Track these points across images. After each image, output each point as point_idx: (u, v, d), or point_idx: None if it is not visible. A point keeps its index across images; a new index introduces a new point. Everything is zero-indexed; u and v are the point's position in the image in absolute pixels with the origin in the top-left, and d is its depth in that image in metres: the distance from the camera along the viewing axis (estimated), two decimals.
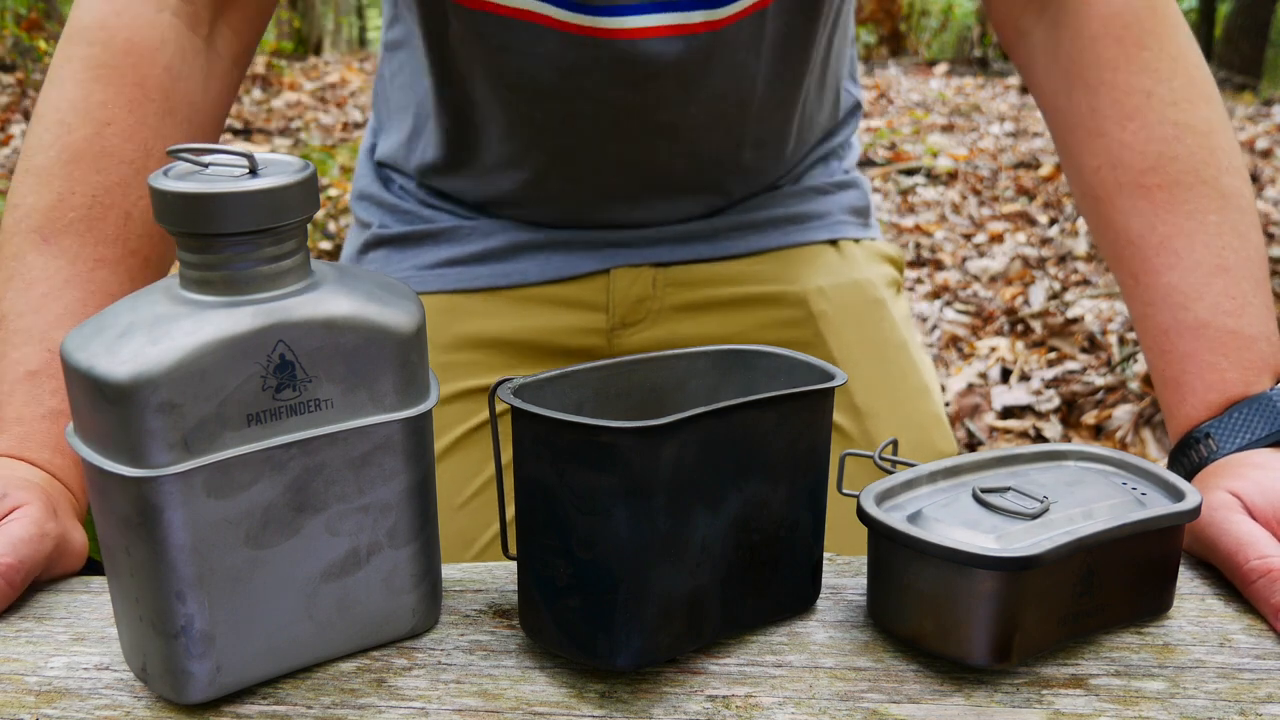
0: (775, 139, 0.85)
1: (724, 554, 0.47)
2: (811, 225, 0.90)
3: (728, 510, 0.46)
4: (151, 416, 0.40)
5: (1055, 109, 0.71)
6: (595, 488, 0.43)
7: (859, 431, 0.86)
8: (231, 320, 0.41)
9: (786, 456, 0.48)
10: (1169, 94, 0.66)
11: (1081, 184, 0.69)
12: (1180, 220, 0.63)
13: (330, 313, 0.43)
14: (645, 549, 0.44)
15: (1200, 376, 0.61)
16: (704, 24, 0.74)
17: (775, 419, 0.46)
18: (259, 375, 0.41)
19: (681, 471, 0.44)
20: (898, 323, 0.92)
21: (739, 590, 0.48)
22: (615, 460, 0.42)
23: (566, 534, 0.44)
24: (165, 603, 0.43)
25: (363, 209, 0.94)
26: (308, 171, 0.42)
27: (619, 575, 0.44)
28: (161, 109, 0.66)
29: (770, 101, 0.81)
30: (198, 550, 0.42)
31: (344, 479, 0.45)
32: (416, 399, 0.46)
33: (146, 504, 0.41)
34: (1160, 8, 0.67)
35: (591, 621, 0.45)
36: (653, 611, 0.45)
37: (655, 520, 0.43)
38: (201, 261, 0.42)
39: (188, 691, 0.44)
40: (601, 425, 0.42)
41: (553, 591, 0.45)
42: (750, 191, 0.88)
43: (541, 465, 0.44)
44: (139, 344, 0.40)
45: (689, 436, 0.43)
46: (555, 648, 0.46)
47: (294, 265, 0.43)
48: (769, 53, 0.78)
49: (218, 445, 0.41)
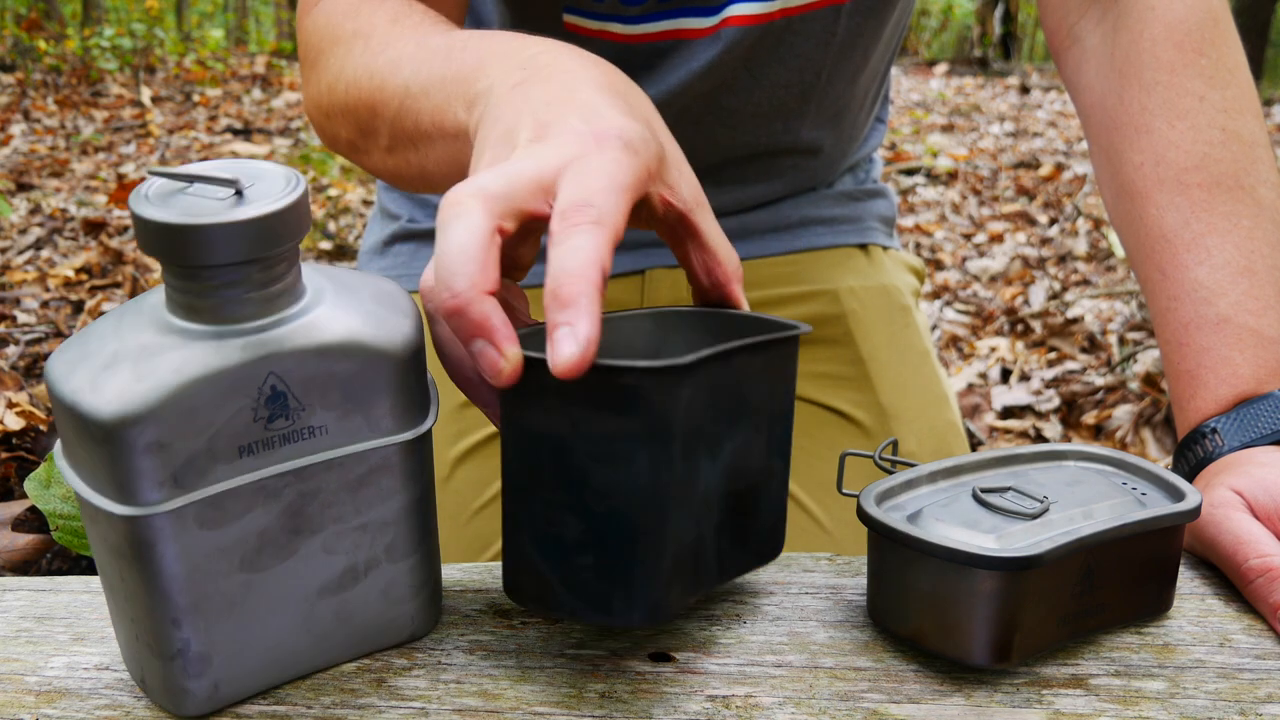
0: (825, 137, 0.87)
1: (717, 502, 0.46)
2: (843, 229, 0.92)
3: (723, 457, 0.46)
4: (139, 456, 0.38)
5: (1103, 109, 0.71)
6: (615, 433, 0.41)
7: (883, 432, 0.87)
8: (220, 354, 0.39)
9: (767, 404, 0.47)
10: (1221, 101, 0.67)
11: (1119, 181, 0.70)
12: (1215, 220, 0.64)
13: (323, 340, 0.41)
14: (664, 497, 0.42)
15: (1214, 371, 0.62)
16: (781, 11, 0.77)
17: (762, 364, 0.46)
18: (249, 408, 0.40)
19: (693, 415, 0.42)
20: (921, 331, 0.93)
21: (728, 539, 0.48)
22: (638, 403, 0.40)
23: (579, 487, 0.42)
24: (161, 628, 0.42)
25: (391, 199, 0.94)
26: (297, 193, 0.40)
27: (639, 526, 0.42)
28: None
29: (828, 96, 0.84)
30: (191, 579, 0.41)
31: (340, 501, 0.43)
32: (414, 420, 0.45)
33: (137, 539, 0.40)
34: (1222, 21, 0.69)
35: (608, 578, 0.43)
36: (667, 564, 0.43)
37: (674, 466, 0.42)
38: (188, 289, 0.39)
39: (186, 707, 0.44)
40: (625, 366, 0.40)
41: (559, 551, 0.43)
42: (792, 190, 0.90)
43: (551, 416, 0.41)
44: (124, 380, 0.38)
45: (700, 380, 0.42)
46: (561, 613, 0.44)
47: (285, 288, 0.41)
48: (836, 49, 0.81)
49: (208, 479, 0.40)
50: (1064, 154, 4.60)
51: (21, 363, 1.98)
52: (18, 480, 1.14)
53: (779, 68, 0.80)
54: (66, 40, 6.97)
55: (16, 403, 1.27)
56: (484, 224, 0.40)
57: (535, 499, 0.43)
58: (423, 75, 0.57)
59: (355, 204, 3.44)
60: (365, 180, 3.65)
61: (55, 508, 0.71)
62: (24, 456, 1.19)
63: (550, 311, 0.39)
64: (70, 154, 4.27)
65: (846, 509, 0.86)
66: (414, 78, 0.57)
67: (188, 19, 12.74)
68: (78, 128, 4.79)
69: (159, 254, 0.39)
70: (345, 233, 3.14)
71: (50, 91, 5.72)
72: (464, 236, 0.40)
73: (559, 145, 0.43)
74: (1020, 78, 7.19)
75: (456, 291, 0.39)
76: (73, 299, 2.43)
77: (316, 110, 0.69)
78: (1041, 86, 6.83)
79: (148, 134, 4.73)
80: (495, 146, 0.46)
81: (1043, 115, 5.79)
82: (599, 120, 0.45)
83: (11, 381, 1.51)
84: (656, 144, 0.46)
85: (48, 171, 3.93)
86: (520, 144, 0.45)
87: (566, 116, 0.45)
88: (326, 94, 0.66)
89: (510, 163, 0.43)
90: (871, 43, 0.83)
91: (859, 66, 0.84)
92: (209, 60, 7.37)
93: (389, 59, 0.60)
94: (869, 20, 0.81)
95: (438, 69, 0.56)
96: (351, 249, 2.94)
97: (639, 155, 0.44)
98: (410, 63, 0.58)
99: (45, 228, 3.06)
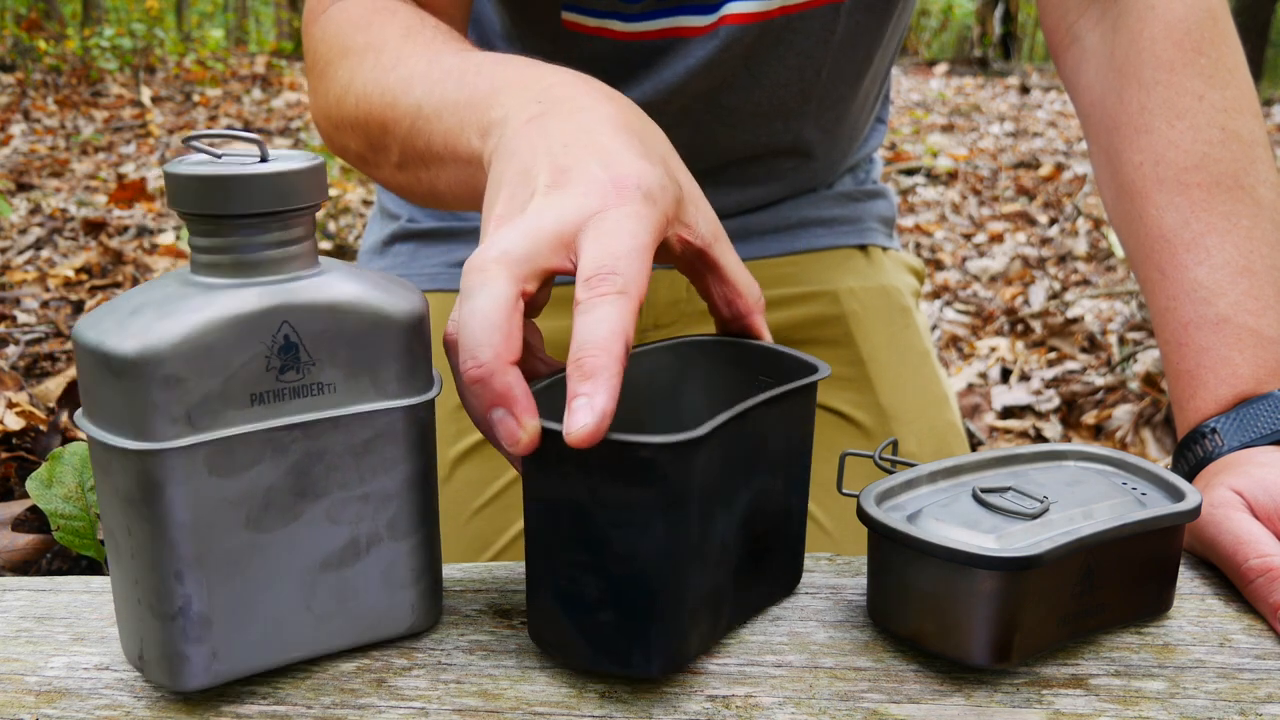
0: (826, 137, 0.87)
1: (736, 548, 0.47)
2: (843, 230, 0.92)
3: (740, 506, 0.46)
4: (156, 389, 0.40)
5: (1103, 108, 0.72)
6: (632, 501, 0.42)
7: (883, 432, 0.87)
8: (238, 300, 0.42)
9: (784, 447, 0.48)
10: (1220, 100, 0.67)
11: (1119, 181, 0.70)
12: (1215, 220, 0.64)
13: (334, 297, 0.43)
14: (680, 557, 0.43)
15: (1214, 371, 0.62)
16: (780, 9, 0.77)
17: (778, 414, 0.47)
18: (263, 355, 0.42)
19: (709, 479, 0.43)
20: (921, 332, 0.93)
21: (746, 580, 0.48)
22: (654, 474, 0.41)
23: (598, 549, 0.43)
24: (164, 583, 0.43)
25: (391, 199, 0.94)
26: (317, 161, 0.43)
27: (656, 586, 0.43)
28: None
29: (829, 96, 0.84)
30: (197, 530, 0.42)
31: (345, 465, 0.45)
32: (419, 389, 0.46)
33: (148, 479, 0.41)
34: (1221, 21, 0.69)
35: (626, 634, 0.44)
36: (685, 618, 0.44)
37: (690, 527, 0.43)
38: (211, 244, 0.43)
39: (184, 677, 0.44)
40: (639, 441, 0.41)
41: (579, 607, 0.44)
42: (792, 191, 0.89)
43: (569, 482, 0.43)
44: (147, 320, 0.41)
45: (715, 443, 0.43)
46: (583, 662, 0.46)
47: (301, 252, 0.44)
48: (836, 48, 0.80)
49: (221, 422, 0.42)
50: (1064, 154, 4.60)
51: (21, 363, 1.98)
52: (18, 480, 1.14)
53: (779, 66, 0.80)
54: (66, 40, 6.98)
55: (16, 403, 1.27)
56: (509, 291, 0.41)
57: (556, 557, 0.45)
58: (435, 96, 0.57)
59: (355, 204, 3.44)
60: (365, 180, 3.66)
61: (56, 507, 0.71)
62: (24, 456, 1.19)
63: (572, 380, 0.40)
64: (70, 154, 4.27)
65: (846, 509, 0.86)
66: (426, 98, 0.58)
67: (188, 19, 12.75)
68: (78, 128, 4.79)
69: (188, 205, 0.42)
70: (345, 233, 3.14)
71: (50, 91, 5.73)
72: (488, 305, 0.41)
73: (579, 196, 0.44)
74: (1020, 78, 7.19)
75: (481, 362, 0.41)
76: (73, 299, 2.43)
77: (325, 120, 0.69)
78: (1041, 86, 6.83)
79: (148, 134, 4.73)
80: (512, 185, 0.47)
81: (1043, 115, 5.79)
82: (617, 165, 0.45)
83: (11, 381, 1.50)
84: (675, 186, 0.47)
85: (48, 171, 3.94)
86: (539, 189, 0.46)
87: (586, 161, 0.46)
88: (335, 106, 0.66)
89: (529, 217, 0.44)
90: (872, 41, 0.83)
91: (860, 65, 0.84)
92: (209, 60, 7.37)
93: (400, 76, 0.61)
94: (869, 18, 0.81)
95: (451, 92, 0.56)
96: (351, 249, 2.95)
97: (657, 205, 0.45)
98: (423, 82, 0.59)
99: (45, 228, 3.07)
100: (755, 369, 0.51)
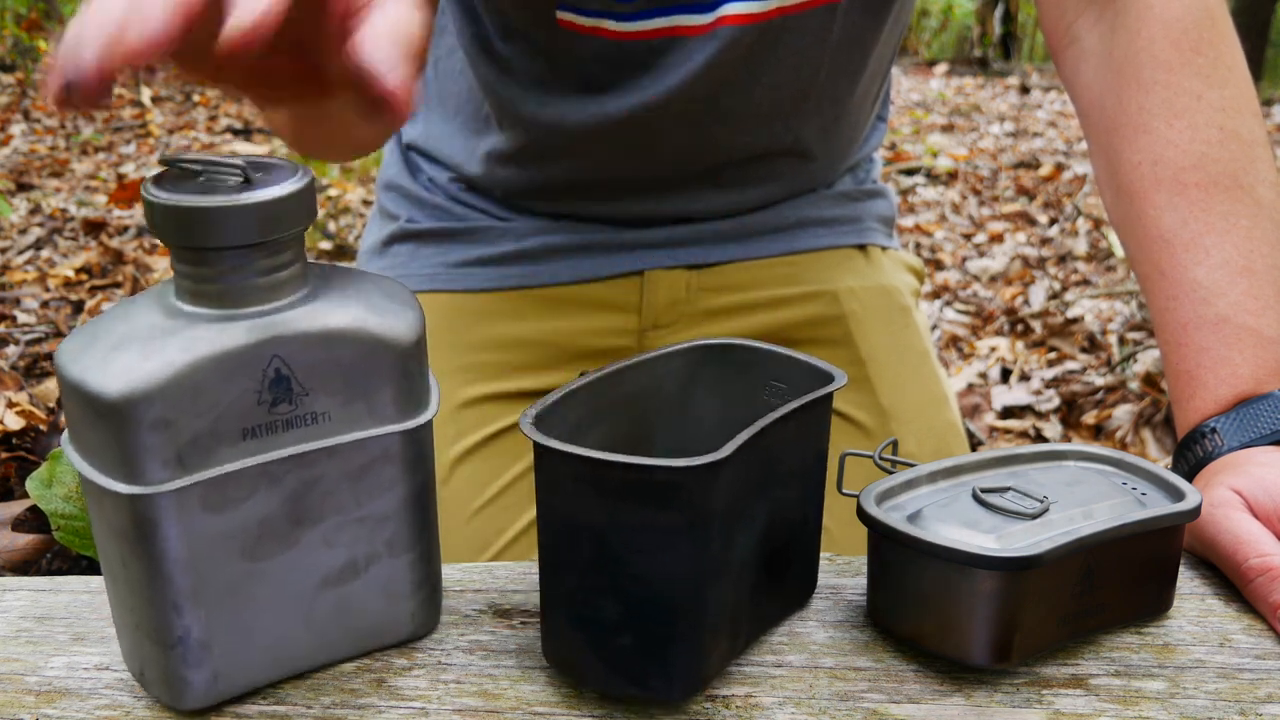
0: (825, 137, 0.87)
1: (754, 564, 0.46)
2: (842, 230, 0.92)
3: (759, 524, 0.46)
4: (145, 433, 0.39)
5: (1101, 109, 0.71)
6: (653, 525, 0.41)
7: (883, 432, 0.87)
8: (225, 335, 0.40)
9: (799, 460, 0.48)
10: (1219, 100, 0.66)
11: (1118, 181, 0.69)
12: (1214, 220, 0.64)
13: (327, 326, 0.41)
14: (702, 579, 0.42)
15: (1213, 371, 0.62)
16: (777, 10, 0.77)
17: (796, 426, 0.46)
18: (254, 391, 0.40)
19: (728, 498, 0.43)
20: (921, 331, 0.93)
21: (762, 596, 0.48)
22: (675, 497, 0.41)
23: (616, 572, 0.42)
24: (162, 615, 0.42)
25: (390, 200, 0.94)
26: (304, 181, 0.41)
27: (676, 609, 0.42)
28: None
29: (828, 96, 0.84)
30: (193, 564, 0.42)
31: (341, 491, 0.44)
32: (416, 410, 0.45)
33: (142, 519, 0.40)
34: (1219, 20, 0.69)
35: (645, 657, 0.43)
36: (705, 638, 0.44)
37: (711, 548, 0.42)
38: (195, 274, 0.40)
39: (185, 699, 0.44)
40: (659, 465, 0.40)
41: (597, 631, 0.44)
42: (791, 192, 0.89)
43: (585, 505, 0.42)
44: (131, 359, 0.39)
45: (736, 460, 0.42)
46: (601, 685, 0.45)
47: (291, 276, 0.41)
48: (834, 48, 0.80)
49: (213, 460, 0.41)
50: (1064, 154, 4.60)
51: (21, 363, 1.98)
52: (18, 480, 1.14)
53: (777, 67, 0.80)
54: None
55: (16, 403, 1.27)
56: None
57: (571, 579, 0.44)
58: None
59: (355, 204, 3.44)
60: (365, 180, 3.65)
61: (56, 507, 0.71)
62: (24, 456, 1.19)
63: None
64: (70, 154, 4.27)
65: (846, 509, 0.86)
66: None
67: None
68: (78, 128, 4.79)
69: (169, 236, 0.40)
70: (345, 233, 3.14)
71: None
72: None
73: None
74: (1020, 78, 7.19)
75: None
76: (73, 299, 2.43)
77: None
78: (1041, 86, 6.83)
79: (148, 134, 4.73)
80: None
81: (1043, 115, 5.79)
82: None
83: (11, 381, 1.51)
84: None
85: (48, 171, 3.93)
86: None
87: None
88: None
89: None
90: (870, 42, 0.83)
91: (858, 66, 0.84)
92: None
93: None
94: (866, 19, 0.81)
95: None
96: (351, 249, 2.94)
97: None
98: None
99: (45, 228, 3.06)
100: (767, 374, 0.51)
